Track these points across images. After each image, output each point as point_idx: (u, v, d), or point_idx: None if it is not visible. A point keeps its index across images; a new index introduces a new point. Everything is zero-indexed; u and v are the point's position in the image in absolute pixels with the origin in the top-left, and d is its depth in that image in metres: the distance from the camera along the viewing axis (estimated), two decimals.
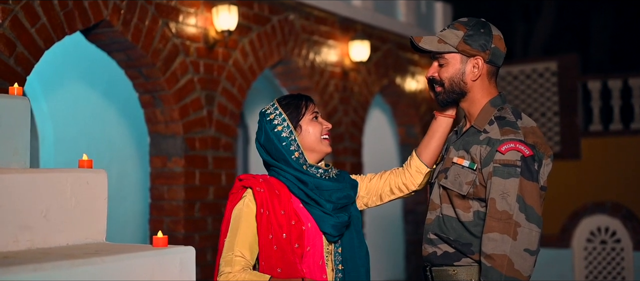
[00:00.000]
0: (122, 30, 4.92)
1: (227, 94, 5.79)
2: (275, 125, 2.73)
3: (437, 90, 2.78)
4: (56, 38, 4.49)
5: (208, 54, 5.62)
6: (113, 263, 2.45)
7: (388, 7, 8.05)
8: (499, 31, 2.75)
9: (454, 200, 2.66)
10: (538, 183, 2.51)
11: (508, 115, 2.64)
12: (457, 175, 2.65)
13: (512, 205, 2.46)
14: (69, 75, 6.34)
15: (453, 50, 2.69)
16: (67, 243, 2.77)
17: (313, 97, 6.78)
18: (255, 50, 6.07)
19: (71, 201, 2.78)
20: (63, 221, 2.75)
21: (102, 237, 2.92)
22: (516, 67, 10.49)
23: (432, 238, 2.73)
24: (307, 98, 2.80)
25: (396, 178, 2.95)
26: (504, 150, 2.52)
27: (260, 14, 6.14)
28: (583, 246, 9.07)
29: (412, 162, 2.95)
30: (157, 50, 5.18)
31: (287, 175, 2.70)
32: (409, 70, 8.35)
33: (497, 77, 2.77)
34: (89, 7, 4.68)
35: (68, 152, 6.35)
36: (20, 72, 4.25)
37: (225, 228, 2.69)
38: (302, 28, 6.63)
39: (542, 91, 10.18)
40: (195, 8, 5.52)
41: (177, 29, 5.36)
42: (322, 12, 6.90)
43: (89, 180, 2.86)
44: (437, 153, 2.92)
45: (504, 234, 2.45)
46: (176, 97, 5.35)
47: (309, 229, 2.68)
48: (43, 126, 6.21)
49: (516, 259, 2.44)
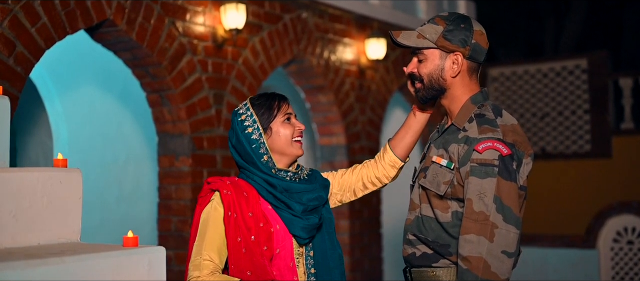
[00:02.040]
0: (126, 29, 4.91)
1: (237, 93, 5.76)
2: (246, 126, 2.68)
3: (417, 87, 2.71)
4: (57, 38, 4.49)
5: (217, 53, 5.59)
6: (75, 263, 2.41)
7: (407, 4, 7.95)
8: (480, 26, 2.65)
9: (432, 200, 2.59)
10: (516, 183, 2.42)
11: (488, 112, 2.54)
12: (436, 174, 2.58)
13: (489, 206, 2.38)
14: (85, 75, 6.37)
15: (432, 45, 2.60)
16: (39, 243, 2.75)
17: (328, 95, 6.72)
18: (267, 49, 6.03)
19: (42, 200, 2.76)
20: (34, 221, 2.73)
21: (77, 237, 2.89)
22: (546, 65, 10.34)
23: (411, 239, 2.66)
24: (280, 98, 2.73)
25: (369, 171, 2.91)
26: (481, 149, 2.43)
27: (271, 13, 6.09)
28: (609, 246, 8.88)
29: (386, 155, 2.90)
30: (163, 49, 5.17)
31: (255, 178, 2.65)
32: None
33: (479, 73, 2.68)
34: (91, 7, 4.68)
35: (83, 152, 6.38)
36: (20, 72, 4.26)
37: (194, 232, 2.64)
38: (315, 26, 6.57)
39: (573, 89, 10.03)
40: (203, 7, 5.49)
41: (184, 28, 5.34)
42: (337, 10, 6.83)
43: (62, 180, 2.83)
44: (412, 147, 2.90)
45: (481, 235, 2.37)
46: (183, 96, 5.33)
47: (278, 231, 2.62)
48: (57, 126, 6.24)
49: (493, 261, 2.35)
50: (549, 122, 10.23)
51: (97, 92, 6.47)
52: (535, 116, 10.37)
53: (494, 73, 10.77)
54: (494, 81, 10.74)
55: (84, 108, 6.40)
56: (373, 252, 7.28)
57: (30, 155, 6.37)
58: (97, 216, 6.42)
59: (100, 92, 6.50)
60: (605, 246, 8.88)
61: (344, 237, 6.92)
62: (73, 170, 2.89)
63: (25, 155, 6.40)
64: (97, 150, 6.49)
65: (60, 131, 6.27)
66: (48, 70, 6.13)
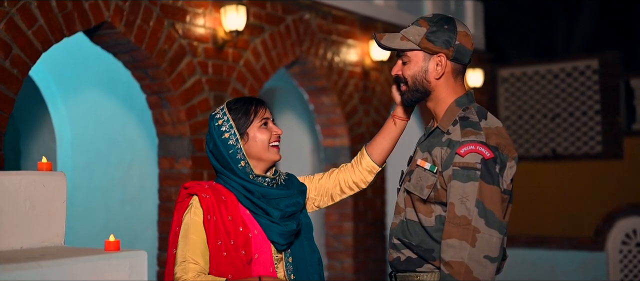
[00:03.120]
0: (124, 31, 4.91)
1: (238, 95, 5.74)
2: (222, 132, 2.66)
3: (402, 89, 2.68)
4: (54, 40, 4.50)
5: (217, 55, 5.58)
6: (52, 267, 2.41)
7: (412, 5, 7.91)
8: (465, 27, 2.61)
9: (416, 204, 2.56)
10: (499, 186, 2.38)
11: (472, 115, 2.50)
12: (419, 178, 2.54)
13: (471, 210, 2.34)
14: (89, 78, 6.37)
15: (415, 47, 2.57)
16: (21, 247, 2.75)
17: (331, 96, 6.70)
18: (268, 50, 6.02)
19: (25, 204, 2.75)
20: (16, 225, 2.73)
21: (61, 240, 2.89)
22: (556, 65, 10.27)
23: (396, 243, 2.63)
24: (257, 103, 2.71)
25: (346, 176, 2.88)
26: (463, 153, 2.39)
27: (273, 14, 6.08)
28: (618, 249, 8.79)
29: (363, 160, 2.87)
30: (162, 51, 5.16)
31: (233, 184, 2.63)
32: None
33: (464, 75, 2.64)
34: (89, 9, 4.68)
35: (87, 153, 6.39)
36: (16, 74, 4.26)
37: (173, 239, 2.62)
38: (318, 27, 6.55)
39: (583, 89, 9.96)
40: (204, 8, 5.48)
41: (184, 30, 5.33)
42: (341, 11, 6.80)
43: (46, 183, 2.83)
44: (389, 152, 2.88)
45: (463, 240, 2.33)
46: (183, 98, 5.33)
47: (256, 236, 2.60)
48: (60, 128, 6.26)
49: (475, 266, 2.31)
50: (559, 123, 10.16)
51: (102, 94, 6.48)
52: (545, 117, 10.30)
53: (504, 74, 10.70)
54: (504, 82, 10.67)
55: (88, 111, 6.41)
56: (377, 254, 7.24)
57: (33, 157, 6.38)
58: (101, 218, 6.43)
59: (105, 94, 6.50)
60: (614, 249, 8.79)
61: (347, 239, 6.89)
62: (57, 173, 2.89)
63: (29, 158, 6.42)
64: (101, 152, 6.50)
65: (63, 133, 6.28)
66: (51, 73, 6.15)
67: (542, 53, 14.08)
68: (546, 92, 10.27)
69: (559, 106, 10.17)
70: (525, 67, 10.57)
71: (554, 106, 10.18)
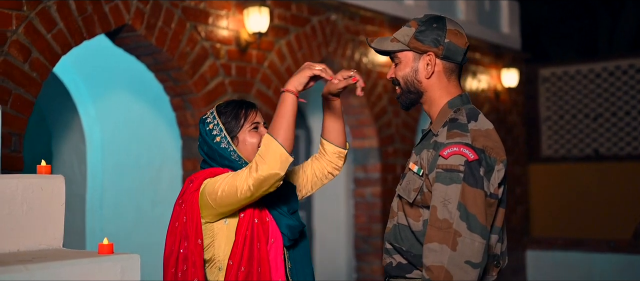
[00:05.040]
0: (145, 34, 4.94)
1: (262, 96, 5.74)
2: (214, 135, 2.68)
3: (397, 92, 2.65)
4: (74, 43, 4.54)
5: (240, 57, 5.58)
6: (39, 270, 2.42)
7: (445, 5, 7.81)
8: (457, 26, 2.56)
9: (405, 208, 2.52)
10: (483, 189, 2.32)
11: (461, 116, 2.45)
12: (408, 181, 2.51)
13: (453, 213, 2.29)
14: (119, 79, 6.44)
15: (404, 47, 2.54)
16: (18, 249, 2.77)
17: (359, 98, 6.65)
18: (293, 52, 6.00)
19: (22, 207, 2.78)
20: (12, 228, 2.75)
21: (59, 243, 2.91)
22: (599, 65, 10.11)
23: (389, 248, 2.60)
24: (247, 107, 2.72)
25: (321, 166, 2.91)
26: (447, 154, 2.34)
27: (298, 15, 6.06)
28: None
29: (328, 148, 2.89)
30: (184, 53, 5.18)
31: None
32: (470, 69, 8.08)
33: (458, 74, 2.59)
34: (109, 12, 4.72)
35: (117, 155, 6.46)
36: (35, 78, 4.32)
37: (171, 239, 2.62)
38: (345, 28, 6.51)
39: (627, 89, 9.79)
40: (227, 10, 5.49)
41: (207, 32, 5.34)
42: (369, 11, 6.75)
43: (44, 186, 2.85)
44: (343, 131, 2.89)
45: (443, 244, 2.28)
46: (205, 100, 5.34)
47: (271, 221, 2.66)
48: (90, 130, 6.33)
49: (455, 271, 2.26)
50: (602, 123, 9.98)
51: (132, 96, 6.54)
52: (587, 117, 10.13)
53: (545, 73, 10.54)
54: (545, 81, 10.51)
55: (118, 112, 6.48)
56: None
57: (65, 158, 6.47)
58: (131, 219, 6.49)
59: (135, 96, 6.56)
60: None
61: (376, 241, 6.84)
62: (55, 176, 2.91)
63: (61, 159, 6.50)
64: (131, 153, 6.55)
65: (93, 135, 6.36)
66: (81, 76, 6.23)
67: (585, 52, 13.82)
68: (588, 91, 10.10)
69: (601, 106, 10.00)
70: (567, 67, 10.41)
71: (596, 106, 10.01)
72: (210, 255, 2.59)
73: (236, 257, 2.53)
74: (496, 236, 2.43)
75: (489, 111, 8.37)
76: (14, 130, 4.20)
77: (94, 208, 6.36)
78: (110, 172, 6.43)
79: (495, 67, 8.54)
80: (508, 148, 8.70)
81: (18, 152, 4.22)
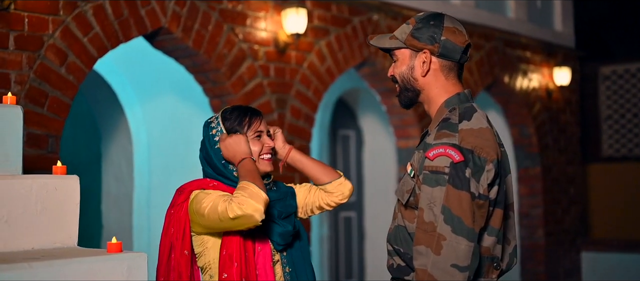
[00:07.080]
0: (182, 36, 5.02)
1: (301, 97, 5.76)
2: (216, 141, 2.70)
3: (396, 90, 2.62)
4: (110, 46, 4.64)
5: (279, 58, 5.61)
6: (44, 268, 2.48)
7: (493, 4, 7.69)
8: (457, 24, 2.51)
9: (401, 210, 2.50)
10: (469, 191, 2.26)
11: (453, 116, 2.40)
12: (403, 183, 2.49)
13: (437, 216, 2.25)
14: (166, 81, 6.55)
15: (401, 45, 2.51)
16: (33, 248, 2.84)
17: None
18: (334, 52, 6.00)
19: (36, 206, 2.85)
20: (27, 227, 2.83)
21: (73, 242, 2.97)
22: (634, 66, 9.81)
23: (389, 250, 2.58)
24: (252, 114, 2.73)
25: (324, 196, 2.89)
26: (432, 156, 2.30)
27: (339, 16, 6.06)
28: None
29: (327, 189, 2.89)
30: (221, 55, 5.24)
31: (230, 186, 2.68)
32: (520, 68, 7.94)
33: (458, 73, 2.54)
34: (145, 15, 4.80)
35: (164, 156, 6.57)
36: (72, 81, 4.43)
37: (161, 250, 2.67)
38: (388, 28, 6.48)
39: None
40: (265, 12, 5.53)
41: (244, 34, 5.39)
42: (413, 11, 6.69)
43: (58, 186, 2.92)
44: (324, 165, 2.92)
45: (428, 247, 2.25)
46: (243, 101, 5.39)
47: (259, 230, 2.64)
48: (137, 131, 6.47)
49: (440, 275, 2.21)
50: None
51: (179, 97, 6.64)
52: None
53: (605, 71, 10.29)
54: (606, 80, 10.26)
55: (164, 114, 6.59)
56: None
57: (113, 159, 6.62)
58: None
59: (182, 98, 6.66)
60: None
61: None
62: (70, 177, 2.98)
63: (109, 160, 6.66)
64: (178, 154, 6.65)
65: (140, 136, 6.49)
66: (129, 78, 6.36)
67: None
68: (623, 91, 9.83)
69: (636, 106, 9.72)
70: (628, 64, 10.15)
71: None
72: (203, 262, 2.64)
73: (225, 267, 2.56)
74: (494, 237, 2.37)
75: (541, 110, 8.21)
76: (51, 132, 4.32)
77: (141, 207, 6.49)
78: (157, 172, 6.55)
79: (547, 66, 8.37)
80: (561, 148, 8.52)
81: (55, 152, 4.34)
